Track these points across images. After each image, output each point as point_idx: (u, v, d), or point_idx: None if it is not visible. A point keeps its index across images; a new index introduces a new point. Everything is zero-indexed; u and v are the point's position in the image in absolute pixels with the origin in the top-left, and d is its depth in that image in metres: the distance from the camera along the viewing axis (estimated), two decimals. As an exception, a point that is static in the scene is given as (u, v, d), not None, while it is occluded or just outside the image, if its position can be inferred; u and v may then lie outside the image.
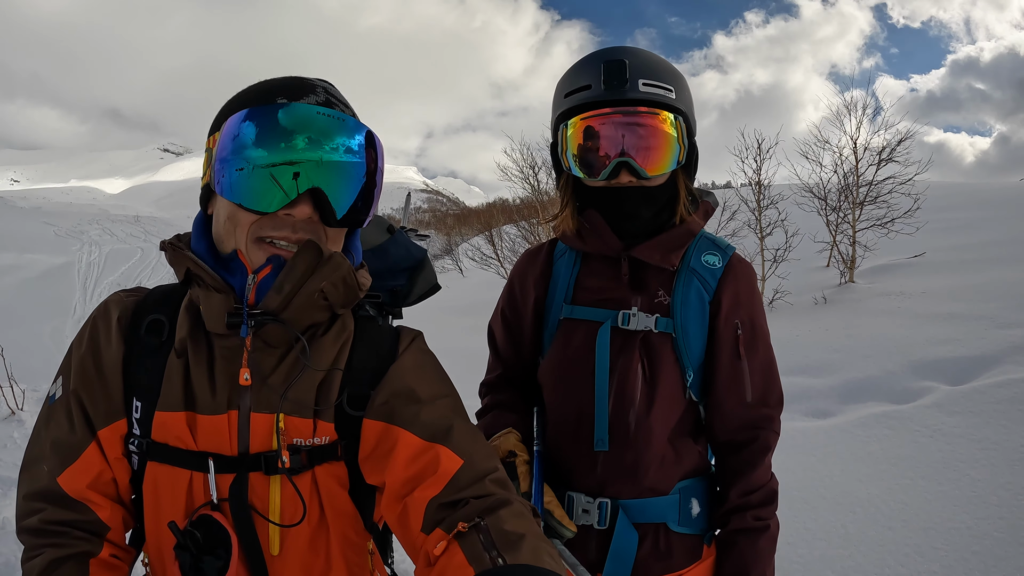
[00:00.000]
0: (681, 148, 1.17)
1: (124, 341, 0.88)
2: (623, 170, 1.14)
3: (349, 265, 0.86)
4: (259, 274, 0.83)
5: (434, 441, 0.82)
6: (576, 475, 1.22)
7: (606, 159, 1.15)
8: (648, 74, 1.13)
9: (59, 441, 0.86)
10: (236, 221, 0.83)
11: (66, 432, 0.86)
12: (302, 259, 0.82)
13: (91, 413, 0.86)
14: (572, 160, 1.19)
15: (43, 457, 0.86)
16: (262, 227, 0.83)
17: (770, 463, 1.22)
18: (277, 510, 0.85)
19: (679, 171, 1.21)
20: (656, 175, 1.16)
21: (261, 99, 0.85)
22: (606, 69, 1.13)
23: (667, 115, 1.14)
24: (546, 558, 0.69)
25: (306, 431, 0.86)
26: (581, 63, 1.19)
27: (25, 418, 5.12)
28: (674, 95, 1.15)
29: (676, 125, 1.15)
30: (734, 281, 1.21)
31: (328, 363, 0.88)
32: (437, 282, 1.33)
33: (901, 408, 3.94)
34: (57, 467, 0.84)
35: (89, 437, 0.86)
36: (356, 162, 0.85)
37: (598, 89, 1.14)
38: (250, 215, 0.82)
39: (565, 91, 1.19)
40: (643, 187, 1.17)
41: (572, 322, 1.24)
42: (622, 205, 1.18)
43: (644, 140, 1.13)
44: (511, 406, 1.34)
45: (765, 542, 1.16)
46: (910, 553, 2.62)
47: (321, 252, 0.83)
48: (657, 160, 1.15)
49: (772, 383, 1.23)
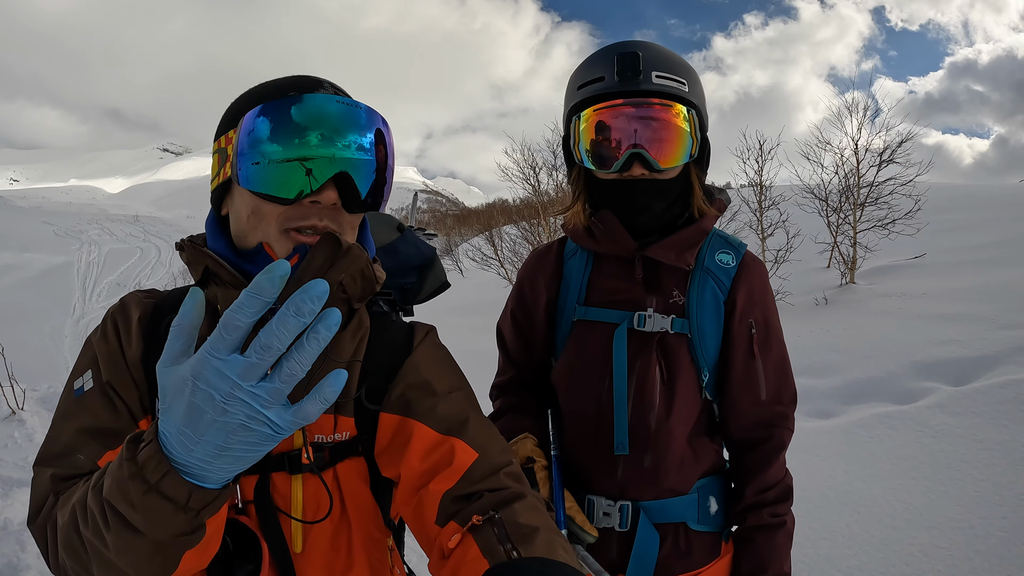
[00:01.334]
0: (694, 141, 1.16)
1: (144, 340, 0.87)
2: (636, 162, 1.13)
3: (367, 257, 0.86)
4: None
5: (449, 434, 0.82)
6: (596, 479, 1.21)
7: (619, 150, 1.14)
8: (661, 67, 1.13)
9: (97, 429, 0.81)
10: (261, 214, 0.82)
11: (107, 419, 0.82)
12: (321, 251, 0.82)
13: (129, 404, 0.84)
14: (584, 152, 1.18)
15: (76, 447, 0.80)
16: (289, 218, 0.82)
17: (784, 460, 1.22)
18: (299, 508, 0.84)
19: (691, 165, 1.20)
20: (669, 168, 1.15)
21: (277, 95, 0.85)
22: (620, 61, 1.12)
23: (680, 108, 1.13)
24: (560, 551, 0.69)
25: (327, 428, 0.86)
26: (595, 56, 1.18)
27: (25, 417, 5.11)
28: (687, 88, 1.14)
29: (689, 118, 1.14)
30: (748, 280, 1.20)
31: (347, 357, 0.88)
32: (446, 280, 1.33)
33: (903, 408, 3.94)
34: (98, 451, 0.80)
35: (133, 424, 0.83)
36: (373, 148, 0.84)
37: (611, 81, 1.13)
38: (276, 207, 0.82)
39: (578, 83, 1.18)
40: (656, 180, 1.16)
41: (587, 324, 1.23)
42: (634, 198, 1.17)
43: (657, 132, 1.12)
44: (525, 410, 1.32)
45: (782, 538, 1.16)
46: (914, 552, 2.62)
47: (340, 244, 0.82)
48: (670, 152, 1.13)
49: (786, 381, 1.23)
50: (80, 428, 0.82)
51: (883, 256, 8.56)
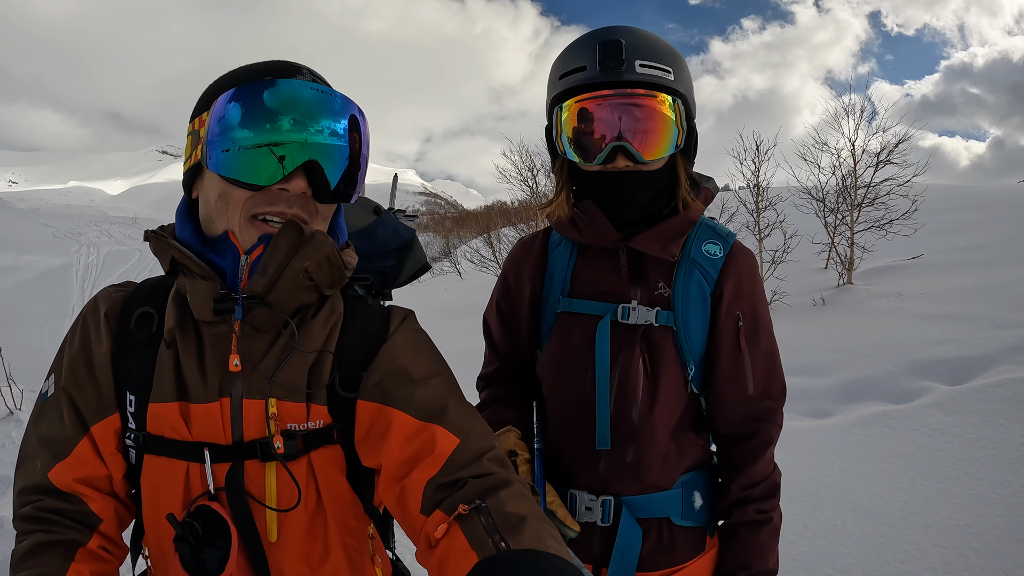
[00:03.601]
0: (680, 131, 1.12)
1: (112, 336, 0.87)
2: (619, 154, 1.10)
3: (332, 243, 0.84)
4: (251, 255, 0.82)
5: (429, 421, 0.81)
6: (578, 473, 1.19)
7: (602, 142, 1.10)
8: (645, 55, 1.09)
9: (50, 437, 0.85)
10: (228, 199, 0.81)
11: (58, 428, 0.85)
12: (284, 239, 0.80)
13: (83, 409, 0.86)
14: (567, 143, 1.14)
15: (35, 454, 0.86)
16: (256, 203, 0.81)
17: (772, 455, 1.19)
18: (274, 496, 0.84)
19: (678, 155, 1.16)
20: (653, 159, 1.11)
21: (251, 78, 0.84)
22: (602, 50, 1.08)
23: (665, 97, 1.09)
24: (549, 540, 0.68)
25: (300, 416, 0.84)
26: (576, 43, 1.15)
27: (23, 418, 5.12)
28: (672, 76, 1.10)
29: (675, 107, 1.11)
30: (735, 271, 1.17)
31: (318, 345, 0.87)
32: (427, 262, 1.29)
33: (900, 408, 3.95)
34: (49, 462, 0.84)
35: (81, 433, 0.85)
36: (347, 134, 0.84)
37: (593, 71, 1.09)
38: (243, 192, 0.81)
39: (560, 72, 1.15)
40: (640, 171, 1.12)
41: (570, 316, 1.20)
42: (619, 190, 1.14)
43: (641, 123, 1.09)
44: (510, 401, 1.30)
45: (767, 535, 1.14)
46: (910, 550, 2.62)
47: (302, 231, 0.81)
48: (654, 144, 1.10)
49: (774, 375, 1.19)
50: (40, 437, 0.86)
51: (880, 257, 8.56)
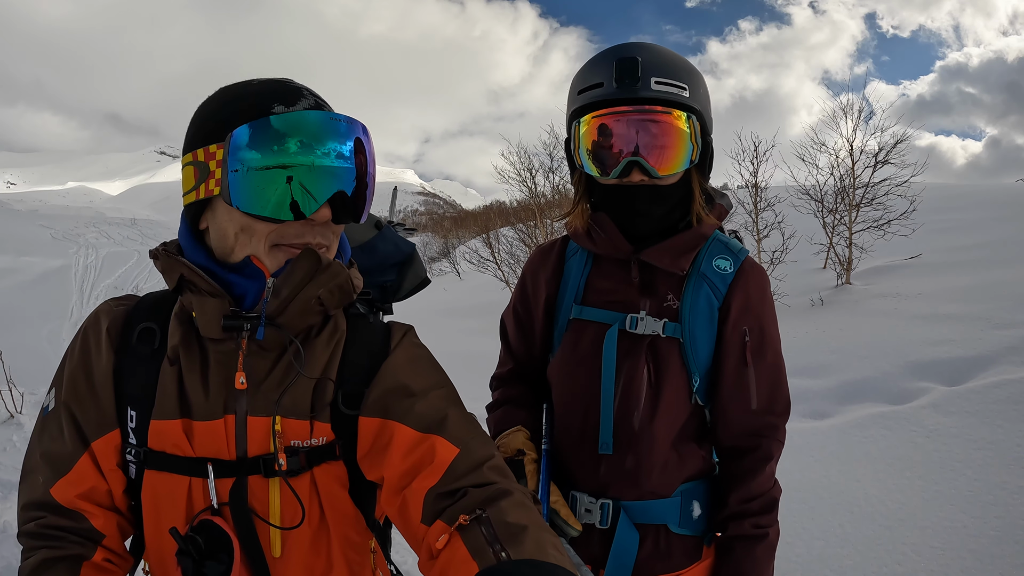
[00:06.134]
0: (695, 147, 1.15)
1: (114, 351, 0.88)
2: (635, 169, 1.14)
3: (347, 273, 0.87)
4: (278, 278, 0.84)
5: (429, 432, 0.82)
6: (579, 475, 1.22)
7: (618, 157, 1.14)
8: (661, 72, 1.12)
9: (51, 453, 0.87)
10: (252, 231, 0.83)
11: (58, 444, 0.87)
12: (301, 266, 0.82)
13: (83, 424, 0.87)
14: (585, 157, 1.18)
15: (37, 468, 0.87)
16: (283, 235, 0.83)
17: (773, 471, 1.20)
18: (277, 512, 0.85)
19: (693, 170, 1.19)
20: (668, 174, 1.15)
21: (258, 106, 0.83)
22: (618, 67, 1.11)
23: (680, 114, 1.12)
24: (550, 549, 0.69)
25: (303, 432, 0.86)
26: (595, 60, 1.18)
27: (24, 421, 5.11)
28: (688, 93, 1.13)
29: (690, 124, 1.14)
30: (744, 287, 1.19)
31: (322, 365, 0.88)
32: (427, 276, 1.31)
33: (898, 409, 3.96)
34: (51, 478, 0.85)
35: (81, 449, 0.86)
36: (355, 155, 0.85)
37: (610, 87, 1.12)
38: (268, 224, 0.82)
39: (579, 88, 1.18)
40: (655, 185, 1.16)
41: (581, 323, 1.24)
42: (633, 203, 1.17)
43: (656, 139, 1.12)
44: (521, 402, 1.34)
45: (762, 550, 1.16)
46: (907, 552, 2.63)
47: (320, 260, 0.83)
48: (669, 159, 1.13)
49: (779, 391, 1.21)
50: (42, 452, 0.88)
51: (879, 257, 8.57)
